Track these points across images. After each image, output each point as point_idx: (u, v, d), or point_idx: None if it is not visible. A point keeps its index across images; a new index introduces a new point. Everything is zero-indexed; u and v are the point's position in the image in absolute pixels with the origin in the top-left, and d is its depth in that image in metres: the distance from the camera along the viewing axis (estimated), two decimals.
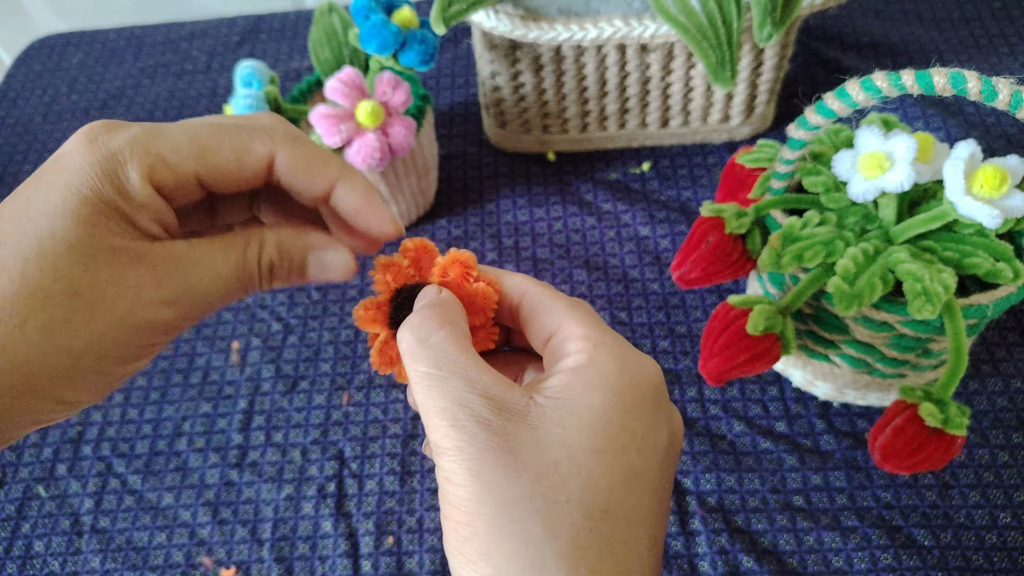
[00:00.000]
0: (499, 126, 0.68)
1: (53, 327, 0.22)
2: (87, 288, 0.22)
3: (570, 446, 0.23)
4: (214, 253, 0.24)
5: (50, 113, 0.80)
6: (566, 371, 0.25)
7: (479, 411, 0.23)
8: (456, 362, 0.24)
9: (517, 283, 0.28)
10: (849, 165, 0.44)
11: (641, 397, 0.24)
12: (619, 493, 0.23)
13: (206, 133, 0.25)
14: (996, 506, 0.49)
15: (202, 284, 0.24)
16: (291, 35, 0.83)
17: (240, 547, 0.51)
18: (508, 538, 0.22)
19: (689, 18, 0.51)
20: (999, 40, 0.74)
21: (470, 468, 0.23)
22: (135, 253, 0.23)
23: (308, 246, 0.26)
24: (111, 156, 0.23)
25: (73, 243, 0.22)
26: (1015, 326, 0.56)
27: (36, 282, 0.21)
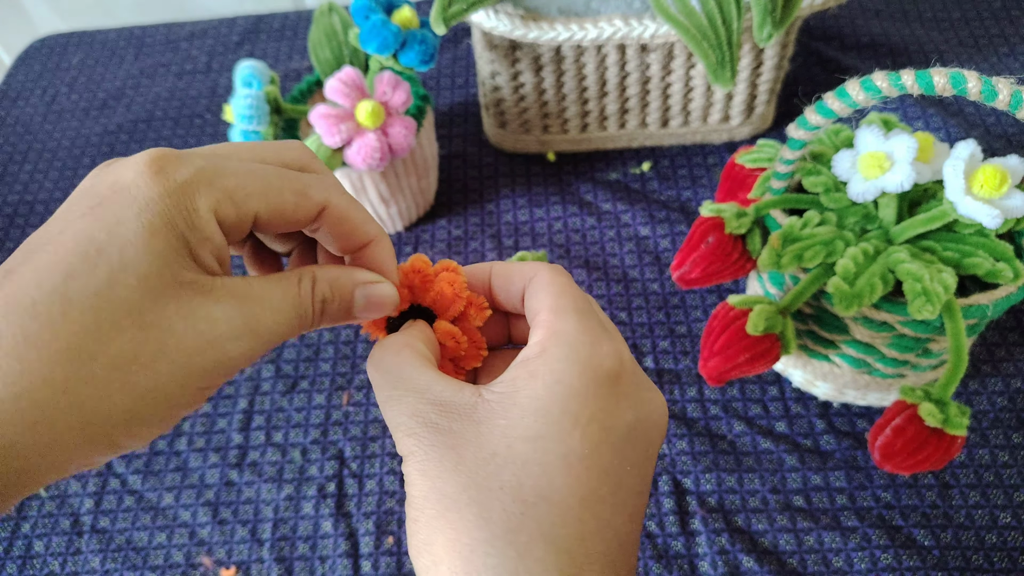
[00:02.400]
0: (499, 126, 0.68)
1: (121, 363, 0.21)
2: (157, 322, 0.21)
3: (508, 435, 0.23)
4: (272, 289, 0.25)
5: (50, 113, 0.80)
6: (516, 364, 0.25)
7: (429, 417, 0.24)
8: (408, 379, 0.25)
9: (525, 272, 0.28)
10: (849, 165, 0.44)
11: (589, 381, 0.24)
12: (557, 478, 0.23)
13: (270, 173, 0.25)
14: (996, 506, 0.49)
15: (265, 318, 0.24)
16: (291, 35, 0.83)
17: (240, 547, 0.51)
18: (446, 527, 0.23)
19: (689, 18, 0.51)
20: (999, 40, 0.74)
21: (419, 468, 0.24)
22: (202, 287, 0.23)
23: (357, 281, 0.27)
24: (181, 187, 0.22)
25: (143, 275, 0.21)
26: (1015, 326, 0.56)
27: (107, 316, 0.21)
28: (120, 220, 0.22)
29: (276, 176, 0.25)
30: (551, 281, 0.27)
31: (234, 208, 0.24)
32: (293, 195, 0.25)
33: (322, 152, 0.52)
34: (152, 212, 0.22)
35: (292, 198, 0.25)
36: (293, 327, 0.25)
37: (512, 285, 0.29)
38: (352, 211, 0.26)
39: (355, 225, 0.27)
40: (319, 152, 0.52)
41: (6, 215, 0.71)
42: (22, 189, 0.73)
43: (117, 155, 0.75)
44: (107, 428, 0.21)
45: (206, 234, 0.23)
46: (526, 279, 0.28)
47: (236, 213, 0.24)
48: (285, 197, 0.25)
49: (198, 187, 0.23)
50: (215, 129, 0.76)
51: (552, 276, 0.27)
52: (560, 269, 0.28)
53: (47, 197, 0.72)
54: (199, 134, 0.76)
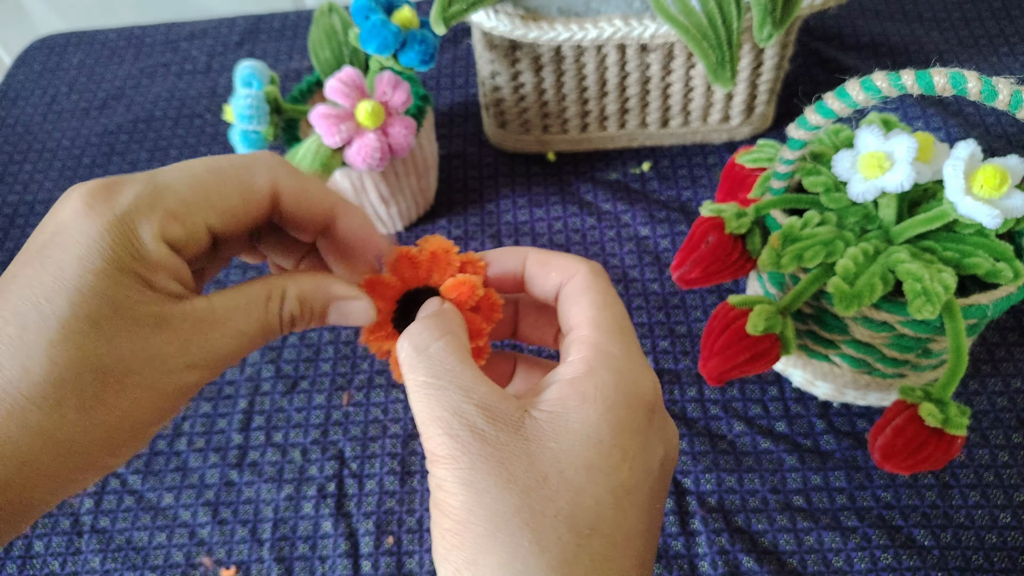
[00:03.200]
0: (499, 126, 0.68)
1: (87, 405, 0.22)
2: (114, 364, 0.22)
3: (561, 461, 0.23)
4: (236, 312, 0.24)
5: (50, 113, 0.80)
6: (562, 382, 0.25)
7: (474, 421, 0.23)
8: (453, 372, 0.24)
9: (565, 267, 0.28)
10: (849, 165, 0.44)
11: (635, 414, 0.24)
12: (608, 511, 0.23)
13: (208, 178, 0.24)
14: (996, 506, 0.49)
15: (224, 343, 0.24)
16: (291, 35, 0.83)
17: (240, 547, 0.51)
18: (496, 548, 0.22)
19: (689, 18, 0.51)
20: (999, 40, 0.74)
21: (462, 477, 0.23)
22: (156, 319, 0.23)
23: (330, 296, 0.27)
24: (119, 220, 0.22)
25: (95, 319, 0.22)
26: (1015, 326, 0.56)
27: (65, 364, 0.21)
28: (62, 265, 0.22)
29: (215, 179, 0.24)
30: (592, 286, 0.26)
31: (181, 227, 0.23)
32: (238, 192, 0.24)
33: (322, 152, 0.52)
34: (93, 253, 0.22)
35: (237, 195, 0.24)
36: (257, 344, 0.25)
37: (548, 278, 0.28)
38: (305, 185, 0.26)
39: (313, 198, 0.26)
40: (319, 152, 0.52)
41: (6, 215, 0.71)
42: (22, 189, 0.73)
43: (117, 155, 0.75)
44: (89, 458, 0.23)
45: (156, 261, 0.23)
46: (565, 276, 0.27)
47: (184, 231, 0.23)
48: (230, 197, 0.24)
49: (136, 216, 0.22)
50: (215, 129, 0.76)
51: (593, 280, 0.27)
52: (600, 270, 0.27)
53: (47, 197, 0.72)
54: (199, 134, 0.76)
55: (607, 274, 0.28)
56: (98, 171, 0.74)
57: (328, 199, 0.26)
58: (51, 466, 0.22)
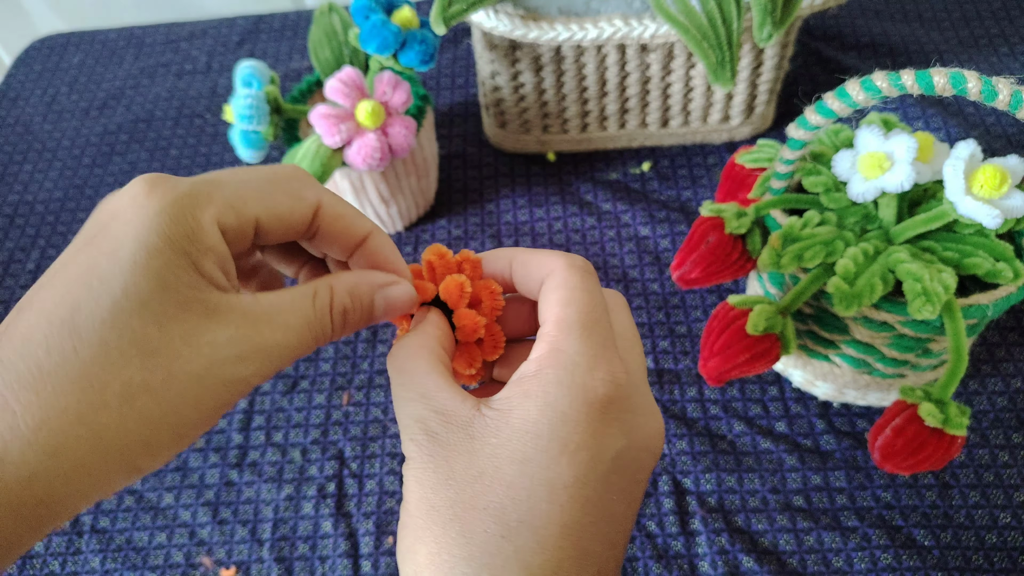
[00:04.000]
0: (499, 126, 0.68)
1: (131, 392, 0.21)
2: (163, 348, 0.21)
3: (498, 456, 0.24)
4: (283, 305, 0.24)
5: (50, 113, 0.80)
6: (513, 381, 0.25)
7: (429, 425, 0.25)
8: (418, 383, 0.26)
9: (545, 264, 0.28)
10: (849, 165, 0.44)
11: (580, 407, 0.24)
12: (540, 504, 0.23)
13: (262, 181, 0.25)
14: (996, 506, 0.49)
15: (275, 338, 0.24)
16: (291, 35, 0.83)
17: (240, 547, 0.51)
18: (429, 539, 0.23)
19: (689, 18, 0.51)
20: (999, 40, 0.74)
21: (415, 476, 0.24)
22: (207, 307, 0.22)
23: (375, 285, 0.27)
24: (178, 200, 0.22)
25: (145, 300, 0.21)
26: (1015, 326, 0.56)
27: (114, 345, 0.21)
28: (119, 245, 0.22)
29: (269, 182, 0.25)
30: (563, 283, 0.26)
31: (235, 215, 0.24)
32: (288, 198, 0.25)
33: (322, 152, 0.52)
34: (149, 231, 0.22)
35: (287, 200, 0.25)
36: (308, 344, 0.25)
37: (531, 278, 0.28)
38: (344, 207, 0.27)
39: (349, 220, 0.27)
40: (319, 152, 0.52)
41: (6, 215, 0.71)
42: (22, 189, 0.73)
43: (117, 155, 0.75)
44: (125, 454, 0.21)
45: (209, 244, 0.23)
46: (544, 273, 0.27)
47: (237, 220, 0.24)
48: (280, 200, 0.25)
49: (196, 199, 0.23)
50: (215, 129, 0.76)
51: (566, 276, 0.26)
52: (578, 264, 0.27)
53: (47, 197, 0.72)
54: (199, 134, 0.76)
55: (588, 266, 0.27)
56: (98, 171, 0.74)
57: (364, 223, 0.27)
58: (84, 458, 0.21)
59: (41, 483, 0.20)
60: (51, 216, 0.71)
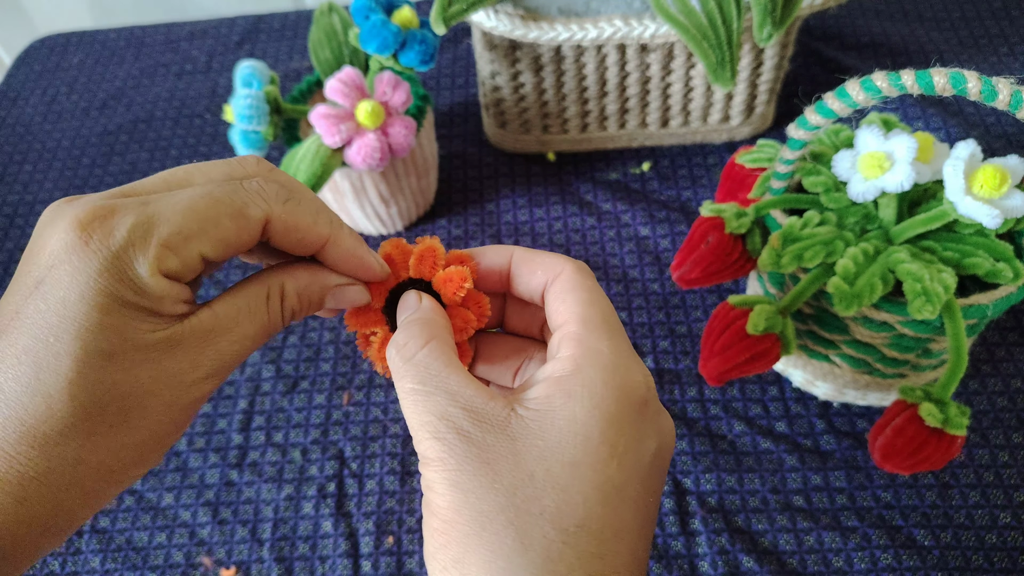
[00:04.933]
0: (499, 126, 0.68)
1: (115, 431, 0.23)
2: (134, 389, 0.23)
3: (547, 458, 0.23)
4: (239, 316, 0.25)
5: (50, 113, 0.80)
6: (549, 380, 0.25)
7: (460, 423, 0.24)
8: (439, 376, 0.25)
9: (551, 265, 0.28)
10: (849, 165, 0.44)
11: (624, 409, 0.24)
12: (595, 507, 0.23)
13: (203, 207, 0.24)
14: (996, 506, 0.49)
15: (232, 349, 0.25)
16: (291, 35, 0.83)
17: (240, 547, 0.51)
18: (481, 547, 0.22)
19: (689, 18, 0.51)
20: (999, 40, 0.74)
21: (449, 478, 0.23)
22: (167, 342, 0.23)
23: (326, 286, 0.27)
24: (115, 257, 0.22)
25: (108, 352, 0.22)
26: (1015, 326, 0.56)
27: (87, 400, 0.22)
28: (65, 303, 0.22)
29: (210, 209, 0.24)
30: (578, 284, 0.27)
31: (176, 258, 0.23)
32: (231, 220, 0.24)
33: (322, 152, 0.52)
34: (94, 291, 0.22)
35: (231, 225, 0.24)
36: (260, 343, 0.26)
37: (534, 277, 0.28)
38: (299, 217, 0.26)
39: (305, 231, 0.26)
40: (319, 152, 0.52)
41: (6, 215, 0.71)
42: (22, 189, 0.73)
43: (117, 155, 0.75)
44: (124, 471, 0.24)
45: (157, 294, 0.23)
46: (550, 274, 0.27)
47: (180, 262, 0.23)
48: (224, 227, 0.24)
49: (133, 251, 0.23)
50: (215, 129, 0.76)
51: (579, 279, 0.27)
52: (585, 269, 0.27)
53: (47, 197, 0.72)
54: (199, 134, 0.76)
55: (592, 272, 0.28)
56: (98, 171, 0.74)
57: (317, 230, 0.26)
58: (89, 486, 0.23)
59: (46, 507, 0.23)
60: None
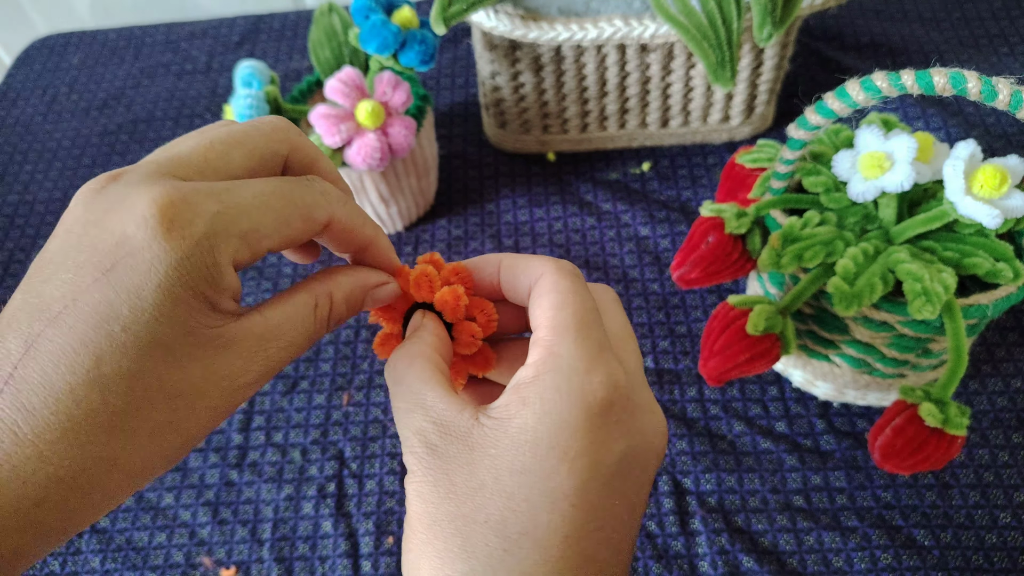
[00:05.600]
0: (499, 126, 0.68)
1: (159, 430, 0.22)
2: (186, 389, 0.22)
3: (497, 467, 0.23)
4: (288, 324, 0.25)
5: (50, 113, 0.80)
6: (510, 388, 0.25)
7: (429, 438, 0.24)
8: (418, 393, 0.25)
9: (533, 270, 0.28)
10: (849, 165, 0.44)
11: (579, 412, 0.24)
12: (542, 515, 0.23)
13: (278, 205, 0.24)
14: (996, 506, 0.49)
15: (279, 355, 0.25)
16: (291, 35, 0.83)
17: (240, 547, 0.51)
18: (432, 554, 0.23)
19: (689, 18, 0.51)
20: (999, 40, 0.74)
21: (416, 489, 0.24)
22: (222, 341, 0.23)
23: (367, 287, 0.28)
24: (199, 245, 0.22)
25: (170, 346, 0.22)
26: (1015, 326, 0.56)
27: (140, 393, 0.22)
28: (139, 291, 0.21)
29: (284, 207, 0.24)
30: (554, 287, 0.26)
31: (249, 251, 0.23)
32: (301, 222, 0.25)
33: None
34: (172, 281, 0.21)
35: (300, 225, 0.25)
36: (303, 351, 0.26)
37: (519, 283, 0.28)
38: (353, 219, 0.27)
39: (356, 232, 0.27)
40: None
41: (6, 215, 0.71)
42: (22, 189, 0.73)
43: (117, 155, 0.75)
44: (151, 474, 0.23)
45: (225, 285, 0.23)
46: (532, 278, 0.27)
47: (251, 255, 0.24)
48: (294, 226, 0.25)
49: (216, 242, 0.22)
50: None
51: (556, 280, 0.26)
52: (567, 269, 0.27)
53: (47, 197, 0.72)
54: None
55: (576, 269, 0.27)
56: (98, 171, 0.74)
57: (368, 233, 0.28)
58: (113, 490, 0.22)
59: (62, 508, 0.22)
60: (51, 216, 0.71)
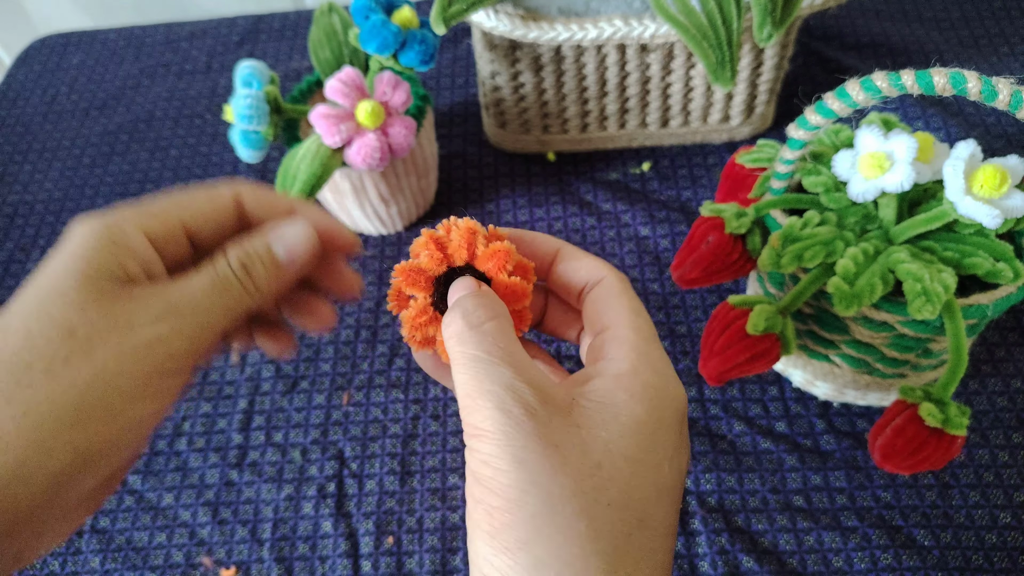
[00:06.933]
0: (499, 126, 0.68)
1: (54, 367, 0.23)
2: (81, 326, 0.24)
3: (611, 451, 0.23)
4: (191, 276, 0.27)
5: (50, 113, 0.80)
6: (608, 376, 0.25)
7: (527, 399, 0.23)
8: (505, 350, 0.25)
9: (594, 268, 0.29)
10: (849, 165, 0.44)
11: (674, 418, 0.25)
12: (652, 506, 0.24)
13: (179, 193, 0.29)
14: (996, 506, 0.49)
15: (183, 299, 0.26)
16: (291, 35, 0.83)
17: (240, 547, 0.51)
18: (552, 531, 0.22)
19: (689, 18, 0.51)
20: (999, 40, 0.74)
21: (514, 454, 0.22)
22: (125, 293, 0.25)
23: (265, 234, 0.29)
24: (104, 218, 0.26)
25: (66, 292, 0.24)
26: (1015, 326, 0.56)
27: (36, 332, 0.24)
28: (55, 259, 0.25)
29: (188, 192, 0.29)
30: (625, 292, 0.28)
31: (158, 221, 0.27)
32: (205, 196, 0.28)
33: (322, 152, 0.52)
34: (75, 244, 0.25)
35: (204, 196, 0.28)
36: (220, 300, 0.27)
37: (576, 276, 0.29)
38: (264, 192, 0.29)
39: (272, 201, 0.29)
40: (319, 152, 0.52)
41: (6, 215, 0.71)
42: (22, 189, 0.73)
43: (117, 155, 0.75)
44: (58, 430, 0.23)
45: (131, 247, 0.26)
46: (594, 276, 0.28)
47: (162, 226, 0.27)
48: (198, 197, 0.28)
49: (122, 216, 0.26)
50: (215, 129, 0.76)
51: (624, 287, 0.28)
52: (626, 278, 0.29)
53: (47, 197, 0.72)
54: (199, 134, 0.76)
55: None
56: (98, 171, 0.74)
57: (286, 200, 0.30)
58: (16, 441, 0.22)
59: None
60: (51, 216, 0.71)
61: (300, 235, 0.28)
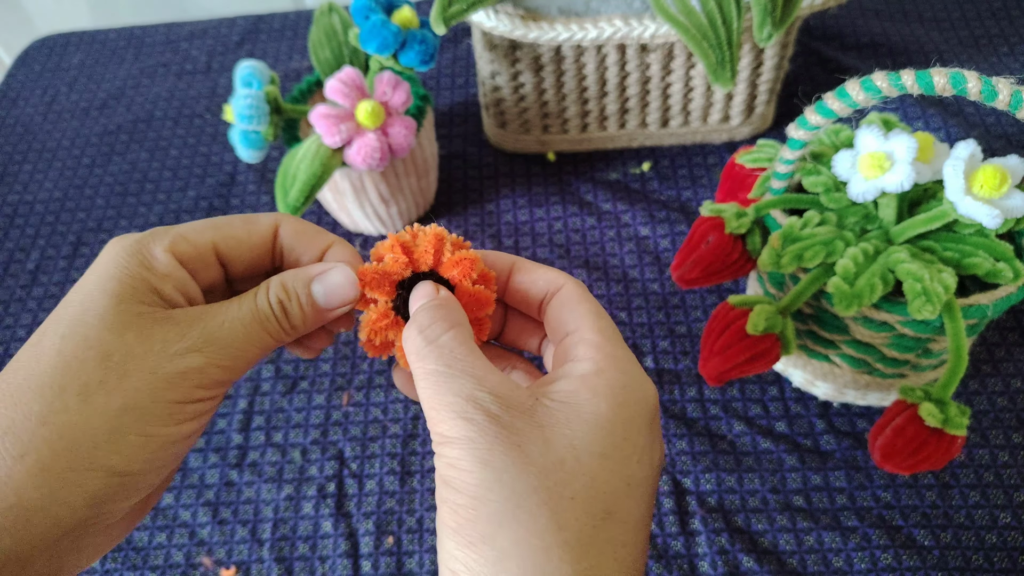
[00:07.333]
0: (499, 126, 0.68)
1: (89, 390, 0.23)
2: (117, 350, 0.24)
3: (576, 447, 0.24)
4: (230, 304, 0.27)
5: (50, 113, 0.80)
6: (573, 377, 0.26)
7: (488, 407, 0.24)
8: (464, 361, 0.25)
9: (552, 278, 0.29)
10: (849, 165, 0.44)
11: (642, 415, 0.25)
12: (620, 498, 0.24)
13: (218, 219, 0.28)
14: (996, 506, 0.49)
15: (222, 330, 0.26)
16: (291, 35, 0.83)
17: (240, 547, 0.51)
18: (515, 524, 0.22)
19: (689, 18, 0.51)
20: (999, 40, 0.74)
21: (479, 456, 0.23)
22: (161, 316, 0.25)
23: (309, 276, 0.28)
24: (138, 241, 0.26)
25: (103, 314, 0.24)
26: (1015, 326, 0.56)
27: (70, 353, 0.24)
28: (87, 280, 0.25)
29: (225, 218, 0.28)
30: (584, 297, 0.28)
31: (188, 243, 0.27)
32: (243, 223, 0.28)
33: (322, 152, 0.52)
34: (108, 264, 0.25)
35: (242, 224, 0.28)
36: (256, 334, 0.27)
37: (535, 288, 0.29)
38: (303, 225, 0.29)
39: (312, 234, 0.29)
40: (319, 152, 0.52)
41: (6, 215, 0.71)
42: (22, 189, 0.73)
43: (117, 155, 0.75)
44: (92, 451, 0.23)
45: (164, 271, 0.26)
46: (552, 287, 0.29)
47: (192, 247, 0.27)
48: (235, 224, 0.28)
49: (152, 237, 0.26)
50: (215, 129, 0.76)
51: (584, 293, 0.28)
52: (585, 287, 0.29)
53: (47, 197, 0.72)
54: (199, 134, 0.76)
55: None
56: (98, 171, 0.74)
57: (324, 236, 0.29)
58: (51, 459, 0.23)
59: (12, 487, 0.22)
60: (51, 216, 0.71)
61: (342, 281, 0.28)
